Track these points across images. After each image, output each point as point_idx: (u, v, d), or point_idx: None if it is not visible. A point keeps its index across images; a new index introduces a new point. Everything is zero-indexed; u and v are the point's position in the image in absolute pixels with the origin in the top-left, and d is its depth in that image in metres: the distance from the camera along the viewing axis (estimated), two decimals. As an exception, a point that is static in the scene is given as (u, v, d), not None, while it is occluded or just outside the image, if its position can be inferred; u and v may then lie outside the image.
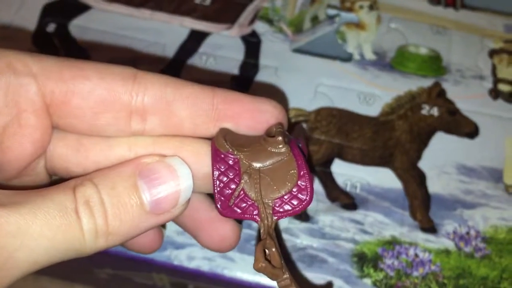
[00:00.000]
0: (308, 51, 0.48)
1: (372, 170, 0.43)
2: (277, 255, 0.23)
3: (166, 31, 0.48)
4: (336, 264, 0.39)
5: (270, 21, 0.50)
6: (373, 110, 0.46)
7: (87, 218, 0.21)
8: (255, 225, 0.40)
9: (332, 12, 0.50)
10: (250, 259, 0.38)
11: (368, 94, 0.47)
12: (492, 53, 0.49)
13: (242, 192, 0.24)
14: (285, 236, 0.40)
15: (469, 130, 0.45)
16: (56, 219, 0.20)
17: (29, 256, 0.19)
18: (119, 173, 0.22)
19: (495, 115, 0.46)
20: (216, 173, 0.24)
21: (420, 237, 0.40)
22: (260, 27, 0.49)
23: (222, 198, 0.24)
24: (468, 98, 0.47)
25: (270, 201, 0.24)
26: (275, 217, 0.24)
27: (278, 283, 0.24)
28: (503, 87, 0.47)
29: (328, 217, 0.41)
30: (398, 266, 0.39)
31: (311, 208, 0.41)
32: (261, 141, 0.24)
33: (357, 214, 0.41)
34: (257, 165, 0.24)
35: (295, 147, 0.24)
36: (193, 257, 0.38)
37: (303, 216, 0.40)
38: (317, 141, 0.44)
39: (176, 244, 0.39)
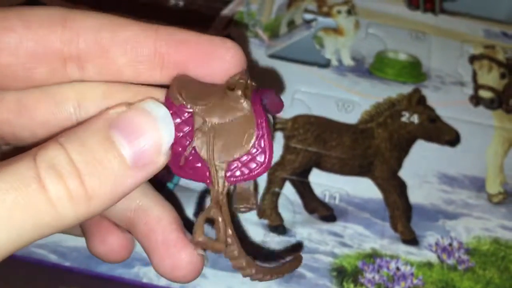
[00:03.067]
0: (284, 56, 0.47)
1: (352, 180, 0.41)
2: (222, 226, 0.21)
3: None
4: (315, 279, 0.37)
5: (245, 26, 0.48)
6: (352, 117, 0.44)
7: (54, 184, 0.17)
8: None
9: (309, 16, 0.49)
10: (224, 275, 0.36)
11: (347, 101, 0.45)
12: (473, 59, 0.48)
13: (193, 151, 0.21)
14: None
15: (450, 137, 0.44)
16: (9, 193, 0.17)
17: None
18: (87, 128, 0.19)
19: (476, 122, 0.45)
20: None
21: (402, 249, 0.39)
22: (234, 31, 0.48)
23: (174, 156, 0.21)
24: (448, 105, 0.46)
25: (223, 164, 0.21)
26: (227, 182, 0.21)
27: (225, 255, 0.21)
28: (484, 94, 0.46)
29: (306, 230, 0.39)
30: (379, 280, 0.37)
31: (288, 221, 0.39)
32: (222, 93, 0.21)
33: (336, 226, 0.39)
34: (213, 121, 0.21)
35: (258, 102, 0.21)
36: (163, 274, 0.36)
37: (279, 229, 0.39)
38: (294, 150, 0.42)
39: (145, 261, 0.36)
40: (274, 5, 0.50)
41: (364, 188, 0.41)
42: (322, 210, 0.40)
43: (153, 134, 0.19)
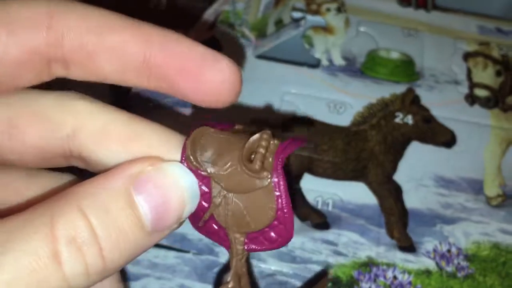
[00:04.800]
0: (272, 57, 0.45)
1: (345, 185, 0.40)
2: None
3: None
4: (308, 291, 0.35)
5: (231, 26, 0.46)
6: (344, 119, 0.42)
7: (72, 260, 0.16)
8: (218, 250, 0.36)
9: (297, 15, 0.47)
10: (213, 290, 0.34)
11: (338, 102, 0.43)
12: (467, 56, 0.47)
13: (212, 217, 0.20)
14: (251, 261, 0.36)
15: (446, 138, 0.42)
16: (23, 265, 0.16)
17: None
18: (110, 191, 0.18)
19: (472, 122, 0.43)
20: None
21: (399, 257, 0.37)
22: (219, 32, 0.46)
23: (194, 216, 0.20)
24: (443, 104, 0.44)
25: (241, 236, 0.20)
26: (246, 251, 0.20)
27: None
28: (479, 92, 0.45)
29: (299, 239, 0.37)
30: (376, 290, 0.36)
31: (279, 230, 0.37)
32: (240, 155, 0.20)
33: (330, 234, 0.37)
34: (230, 189, 0.20)
35: (279, 170, 0.20)
36: (148, 290, 0.34)
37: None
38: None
39: (129, 276, 0.34)
40: (260, 3, 0.48)
41: (358, 193, 0.39)
42: (315, 218, 0.38)
43: (177, 204, 0.18)
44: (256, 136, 0.20)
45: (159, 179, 0.18)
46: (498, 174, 0.41)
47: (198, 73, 0.19)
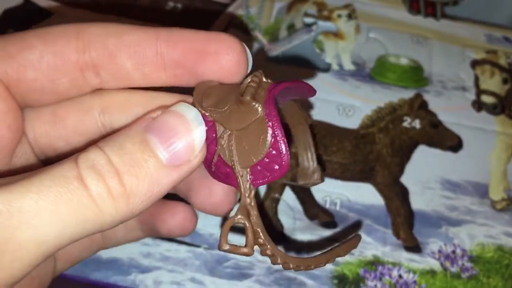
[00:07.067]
0: (284, 60, 0.46)
1: (353, 186, 0.41)
2: (249, 230, 0.21)
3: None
4: (316, 287, 0.36)
5: (245, 29, 0.48)
6: (352, 122, 0.43)
7: (95, 181, 0.19)
8: (228, 245, 0.37)
9: (309, 20, 0.48)
10: (222, 283, 0.35)
11: (348, 105, 0.44)
12: (474, 63, 0.48)
13: (220, 158, 0.21)
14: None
15: (453, 143, 0.43)
16: (52, 189, 0.18)
17: (32, 234, 0.18)
18: (125, 133, 0.20)
19: (478, 128, 0.44)
20: None
21: (404, 256, 0.38)
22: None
23: (206, 161, 0.22)
24: (450, 110, 0.45)
25: (246, 169, 0.21)
26: (253, 186, 0.21)
27: (261, 254, 0.22)
28: (486, 99, 0.46)
29: (307, 236, 0.38)
30: (381, 289, 0.36)
31: (288, 227, 0.38)
32: (236, 98, 0.21)
33: (337, 233, 0.38)
34: (232, 127, 0.21)
35: (271, 103, 0.21)
36: (160, 282, 0.35)
37: (278, 236, 0.38)
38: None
39: (142, 268, 0.35)
40: (273, 8, 0.49)
41: (365, 194, 0.40)
42: (323, 216, 0.39)
43: (186, 134, 0.20)
44: (250, 74, 0.22)
45: (166, 117, 0.21)
46: (503, 179, 0.42)
47: (204, 51, 0.22)
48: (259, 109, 0.21)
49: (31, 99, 0.23)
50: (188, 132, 0.20)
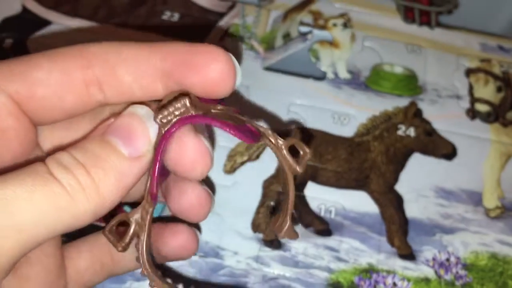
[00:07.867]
0: (280, 69, 0.46)
1: (347, 194, 0.41)
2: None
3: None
4: (310, 295, 0.36)
5: (241, 38, 0.48)
6: (347, 130, 0.44)
7: (64, 175, 0.20)
8: (223, 253, 0.37)
9: (304, 29, 0.48)
10: (217, 291, 0.36)
11: (343, 114, 0.45)
12: (469, 72, 0.48)
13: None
14: (255, 265, 0.37)
15: (447, 151, 0.44)
16: (27, 181, 0.20)
17: (10, 219, 0.19)
18: (85, 140, 0.22)
19: (472, 136, 0.45)
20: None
21: (398, 264, 0.38)
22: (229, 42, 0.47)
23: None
24: (445, 118, 0.45)
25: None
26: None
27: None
28: (480, 107, 0.46)
29: (301, 244, 0.38)
30: (376, 296, 0.37)
31: (283, 235, 0.38)
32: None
33: (332, 241, 0.39)
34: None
35: (159, 146, 0.23)
36: (155, 290, 0.35)
37: (274, 243, 0.38)
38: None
39: (137, 276, 0.36)
40: (269, 17, 0.50)
41: (360, 202, 0.41)
42: (317, 224, 0.39)
43: (140, 127, 0.22)
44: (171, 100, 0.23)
45: (120, 119, 0.23)
46: (497, 187, 0.42)
47: (191, 63, 0.22)
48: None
49: (40, 116, 0.23)
50: (142, 125, 0.22)
